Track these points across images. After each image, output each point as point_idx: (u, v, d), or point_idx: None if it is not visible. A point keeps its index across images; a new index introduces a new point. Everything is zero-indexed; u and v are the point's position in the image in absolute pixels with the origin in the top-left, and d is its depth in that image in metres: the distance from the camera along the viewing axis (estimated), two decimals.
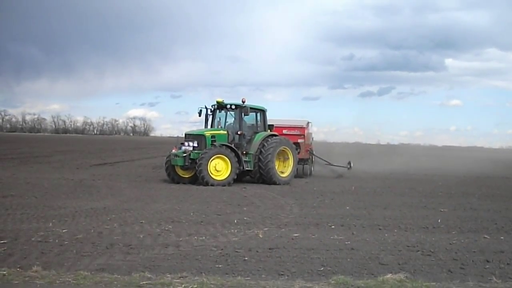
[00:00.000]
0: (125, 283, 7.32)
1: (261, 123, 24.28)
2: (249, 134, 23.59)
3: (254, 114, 24.01)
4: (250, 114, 23.44)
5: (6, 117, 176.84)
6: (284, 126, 27.31)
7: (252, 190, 19.87)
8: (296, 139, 26.92)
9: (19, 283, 7.23)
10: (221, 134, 22.86)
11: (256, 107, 24.02)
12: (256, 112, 24.10)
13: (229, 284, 7.37)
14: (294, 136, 27.05)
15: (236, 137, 23.05)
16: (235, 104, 23.19)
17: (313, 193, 19.46)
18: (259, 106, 24.30)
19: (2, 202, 14.64)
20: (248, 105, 22.94)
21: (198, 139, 22.28)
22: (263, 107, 24.41)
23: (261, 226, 12.13)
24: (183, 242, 10.14)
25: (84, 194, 17.12)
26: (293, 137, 26.87)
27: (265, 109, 24.44)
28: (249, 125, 24.14)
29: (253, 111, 23.79)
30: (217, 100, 23.59)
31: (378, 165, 41.26)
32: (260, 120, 24.30)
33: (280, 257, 9.14)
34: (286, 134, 26.52)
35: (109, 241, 10.03)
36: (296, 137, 27.15)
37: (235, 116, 23.69)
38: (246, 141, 23.28)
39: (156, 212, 13.68)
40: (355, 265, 8.73)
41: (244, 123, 23.55)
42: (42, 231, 10.73)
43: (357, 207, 15.82)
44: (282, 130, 26.65)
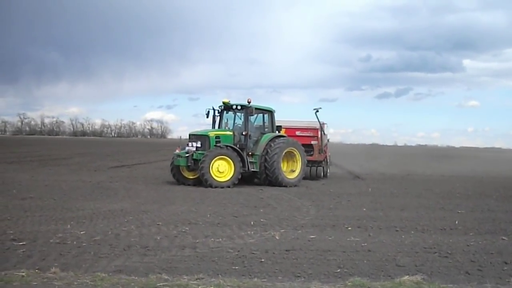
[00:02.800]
0: (142, 284, 7.34)
1: (269, 124, 24.00)
2: (255, 135, 23.37)
3: (261, 115, 23.92)
4: (257, 115, 23.55)
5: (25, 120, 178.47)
6: (297, 128, 27.05)
7: (268, 192, 19.89)
8: (309, 141, 26.73)
9: (38, 284, 7.28)
10: (227, 135, 22.67)
11: (264, 108, 23.83)
12: (263, 113, 23.92)
13: (245, 286, 7.37)
14: (307, 137, 26.80)
15: (242, 138, 22.85)
16: (241, 105, 22.97)
17: (330, 195, 19.43)
18: (267, 107, 24.07)
19: (21, 204, 14.79)
20: (254, 105, 22.72)
21: (201, 140, 22.17)
22: (271, 108, 24.14)
23: (278, 227, 12.12)
24: (200, 244, 10.16)
25: (101, 196, 17.23)
26: (306, 138, 26.67)
27: (273, 110, 24.13)
28: (257, 126, 23.97)
29: (260, 112, 23.75)
30: (223, 100, 23.44)
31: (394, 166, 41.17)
32: (267, 121, 24.02)
33: (297, 258, 9.13)
34: (299, 136, 26.33)
35: (126, 243, 10.08)
36: (309, 138, 26.86)
37: (241, 117, 23.54)
38: (253, 142, 23.07)
39: (173, 214, 13.74)
40: (371, 267, 8.70)
41: (251, 124, 23.40)
42: (60, 232, 10.81)
43: (373, 209, 15.78)
44: (295, 131, 26.57)
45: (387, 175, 32.46)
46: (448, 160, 57.94)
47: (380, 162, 49.48)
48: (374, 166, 40.78)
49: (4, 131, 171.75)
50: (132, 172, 22.25)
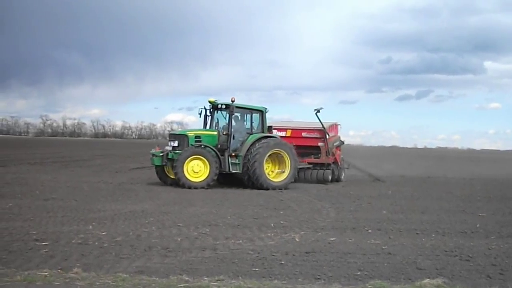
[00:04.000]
0: (163, 285, 7.38)
1: (258, 125, 23.06)
2: (241, 135, 22.58)
3: (249, 115, 23.05)
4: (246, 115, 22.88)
5: (47, 121, 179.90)
6: (303, 129, 26.34)
7: (288, 194, 19.90)
8: (316, 143, 25.86)
9: (60, 284, 7.35)
10: (208, 135, 22.22)
11: (252, 107, 23.18)
12: (251, 112, 23.08)
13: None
14: (314, 139, 25.98)
15: (224, 138, 22.20)
16: (225, 104, 22.45)
17: (350, 197, 19.38)
18: (257, 106, 23.41)
19: (44, 204, 14.95)
20: (237, 104, 22.19)
21: (179, 139, 21.89)
22: (262, 107, 23.35)
23: (298, 229, 12.13)
24: (220, 245, 10.20)
25: (123, 197, 17.36)
26: (313, 140, 25.93)
27: (264, 109, 23.26)
28: (244, 126, 23.09)
29: (247, 112, 23.02)
30: (209, 100, 22.87)
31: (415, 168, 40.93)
32: (256, 121, 23.09)
33: (317, 261, 9.13)
34: (306, 137, 25.87)
35: (148, 244, 10.14)
36: (316, 140, 25.94)
37: (225, 116, 22.89)
38: (239, 143, 22.35)
39: (193, 216, 13.81)
40: (392, 270, 8.67)
41: (238, 124, 22.82)
42: (82, 233, 10.92)
43: (394, 211, 15.72)
44: (301, 133, 26.07)
45: (407, 177, 32.27)
46: (469, 163, 57.44)
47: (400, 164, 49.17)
48: (394, 169, 40.53)
49: (26, 133, 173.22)
50: (153, 173, 22.35)
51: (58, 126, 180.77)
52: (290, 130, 26.31)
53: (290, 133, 26.05)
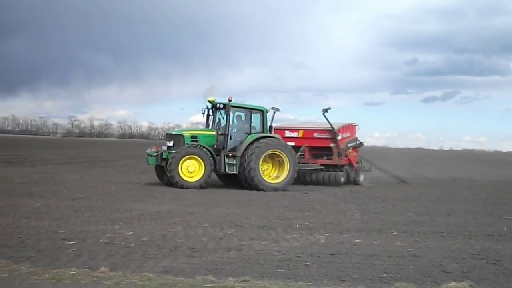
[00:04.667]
0: (188, 285, 7.42)
1: (258, 124, 22.59)
2: (240, 135, 22.18)
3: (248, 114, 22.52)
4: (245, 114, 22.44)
5: (75, 122, 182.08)
6: (315, 129, 25.86)
7: (313, 195, 19.87)
8: (328, 143, 25.22)
9: (88, 283, 7.43)
10: (206, 135, 22.00)
11: (252, 107, 22.73)
12: (251, 112, 22.57)
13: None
14: (325, 139, 25.34)
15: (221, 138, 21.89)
16: (223, 103, 22.05)
17: (375, 199, 19.30)
18: (257, 106, 22.92)
19: (72, 204, 15.13)
20: (234, 103, 21.91)
21: (175, 139, 21.70)
22: (262, 107, 22.86)
23: (323, 231, 12.11)
24: (246, 246, 10.23)
25: (149, 197, 17.48)
26: (325, 141, 25.32)
27: (264, 109, 22.80)
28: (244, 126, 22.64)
29: (246, 111, 22.58)
30: (208, 99, 22.37)
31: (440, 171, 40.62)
32: (257, 121, 22.61)
33: (342, 263, 9.10)
34: (317, 138, 25.44)
35: (173, 244, 10.20)
36: (327, 141, 25.24)
37: (223, 116, 22.38)
38: (237, 143, 21.97)
39: (219, 216, 13.87)
40: (418, 272, 8.61)
41: (239, 123, 22.58)
42: (109, 233, 11.02)
43: (419, 214, 15.61)
44: (313, 133, 25.67)
45: (433, 179, 32.05)
46: (496, 165, 56.84)
47: (425, 166, 48.82)
48: (419, 171, 40.25)
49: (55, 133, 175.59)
50: None
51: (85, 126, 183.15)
52: (302, 131, 25.96)
53: (302, 133, 25.76)
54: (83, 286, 7.32)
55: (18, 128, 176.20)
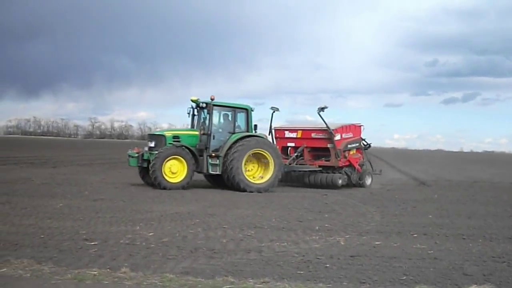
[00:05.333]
0: (208, 286, 7.46)
1: (242, 124, 22.23)
2: (223, 135, 21.76)
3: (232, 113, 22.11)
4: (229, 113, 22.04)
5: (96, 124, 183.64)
6: (313, 130, 25.03)
7: (333, 197, 19.84)
8: (326, 144, 24.42)
9: (109, 283, 7.50)
10: (188, 135, 21.57)
11: (236, 106, 22.34)
12: (235, 111, 22.17)
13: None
14: (323, 140, 24.53)
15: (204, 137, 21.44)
16: (205, 103, 21.67)
17: (395, 201, 19.22)
18: (241, 104, 22.52)
19: (93, 205, 15.24)
20: (217, 102, 21.51)
21: (156, 140, 21.26)
22: (247, 105, 22.46)
23: (343, 233, 12.10)
24: (265, 247, 10.24)
25: (169, 199, 17.54)
26: (322, 141, 24.56)
27: (249, 107, 22.36)
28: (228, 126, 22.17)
29: (230, 110, 22.16)
30: (191, 98, 22.00)
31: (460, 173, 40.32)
32: (241, 120, 22.24)
33: (362, 265, 9.10)
34: (315, 138, 24.75)
35: (194, 245, 10.25)
36: (325, 141, 24.42)
37: (206, 115, 21.98)
38: (220, 143, 21.55)
39: (239, 218, 13.91)
40: (438, 275, 8.58)
41: (224, 123, 22.19)
42: (130, 234, 11.10)
43: (440, 216, 15.54)
44: (311, 133, 24.99)
45: (453, 181, 31.82)
46: None
47: (445, 168, 48.52)
48: (439, 173, 40.00)
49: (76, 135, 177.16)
50: (198, 175, 22.41)
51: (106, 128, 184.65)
52: (300, 131, 25.38)
53: (301, 134, 25.21)
54: (104, 286, 7.38)
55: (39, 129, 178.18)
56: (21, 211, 13.71)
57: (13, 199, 15.84)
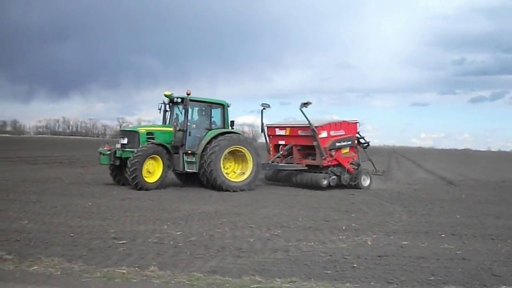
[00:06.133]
0: (236, 285, 7.50)
1: (219, 120, 21.61)
2: (199, 131, 21.01)
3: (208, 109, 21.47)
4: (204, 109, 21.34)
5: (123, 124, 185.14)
6: (300, 127, 23.67)
7: (360, 197, 19.78)
8: (311, 141, 23.22)
9: (138, 282, 7.57)
10: (162, 131, 20.70)
11: (212, 101, 21.60)
12: (211, 107, 21.51)
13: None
14: (308, 137, 23.25)
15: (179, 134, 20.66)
16: (180, 98, 20.81)
17: (422, 201, 19.09)
18: (217, 99, 21.85)
19: (121, 204, 15.41)
20: (193, 97, 20.65)
21: (129, 136, 20.24)
22: (223, 101, 21.87)
23: (370, 233, 12.07)
24: (292, 247, 10.26)
25: (196, 198, 17.67)
26: (308, 139, 23.34)
27: (225, 103, 21.78)
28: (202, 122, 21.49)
29: (206, 106, 21.45)
30: (165, 93, 21.29)
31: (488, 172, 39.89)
32: (217, 116, 21.62)
33: (389, 265, 9.07)
34: (302, 136, 23.58)
35: (221, 244, 10.31)
36: (310, 139, 23.14)
37: (181, 111, 21.24)
38: (196, 140, 20.79)
39: (265, 217, 13.94)
40: (466, 276, 8.52)
41: (200, 119, 21.46)
42: (157, 233, 11.20)
43: (467, 216, 15.40)
44: (297, 130, 23.79)
45: (481, 181, 31.44)
46: None
47: (473, 168, 48.07)
48: (467, 172, 39.62)
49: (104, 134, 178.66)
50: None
51: None
52: (288, 129, 24.37)
53: (289, 131, 24.22)
54: (133, 284, 7.45)
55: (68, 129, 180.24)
56: (51, 210, 13.92)
57: (43, 198, 16.09)
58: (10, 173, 25.70)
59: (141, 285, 7.42)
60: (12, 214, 13.13)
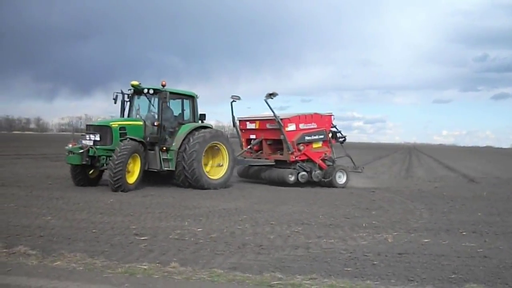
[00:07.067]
0: (256, 282, 7.52)
1: (189, 113, 20.26)
2: (172, 125, 19.57)
3: (179, 101, 20.30)
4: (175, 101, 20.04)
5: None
6: (268, 119, 22.47)
7: (380, 194, 19.72)
8: (278, 135, 22.11)
9: (159, 278, 7.63)
10: (135, 126, 18.82)
11: (183, 93, 20.11)
12: (182, 98, 20.16)
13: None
14: (276, 131, 22.12)
15: (154, 129, 19.11)
16: (154, 89, 19.14)
17: (443, 198, 18.98)
18: (187, 91, 20.31)
19: (143, 201, 15.51)
20: (169, 89, 19.10)
21: (102, 132, 18.09)
22: (192, 92, 20.39)
23: (390, 230, 12.04)
24: (313, 244, 10.28)
25: (216, 195, 17.74)
26: (275, 132, 22.23)
27: (195, 95, 20.44)
28: (174, 115, 20.11)
29: (178, 98, 20.19)
30: (132, 83, 19.31)
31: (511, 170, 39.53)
32: (188, 109, 20.26)
33: (410, 262, 9.04)
34: (270, 129, 22.46)
35: (241, 241, 10.35)
36: (277, 132, 22.03)
37: (154, 104, 19.67)
38: (169, 135, 19.35)
39: (286, 214, 13.96)
40: (488, 274, 8.46)
41: (169, 112, 19.82)
42: (179, 229, 11.27)
43: (489, 214, 15.29)
44: (266, 124, 22.71)
45: (503, 179, 31.19)
46: None
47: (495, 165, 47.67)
48: (489, 169, 39.31)
49: None
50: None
51: None
52: (258, 122, 23.29)
53: (258, 124, 23.20)
54: (154, 280, 7.51)
55: None
56: (74, 206, 14.08)
57: (66, 195, 16.25)
58: (34, 170, 26.04)
59: (162, 281, 7.47)
60: (35, 210, 13.30)
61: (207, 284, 7.40)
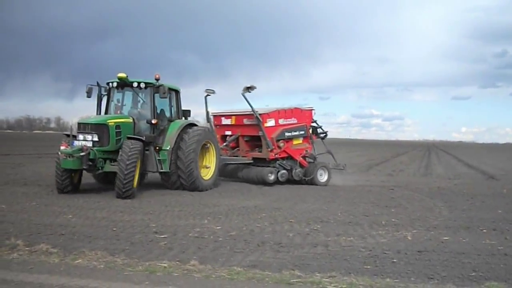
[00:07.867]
0: (276, 280, 7.55)
1: (174, 108, 18.74)
2: (163, 123, 18.12)
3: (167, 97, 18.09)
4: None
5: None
6: (245, 114, 21.50)
7: (399, 192, 19.65)
8: (256, 131, 21.13)
9: (179, 275, 7.68)
10: (127, 123, 16.94)
11: (169, 87, 17.91)
12: (169, 93, 18.11)
13: (378, 286, 7.40)
14: (254, 127, 21.06)
15: (145, 127, 17.65)
16: (146, 82, 17.43)
17: (463, 195, 18.88)
18: (172, 85, 18.43)
19: (162, 199, 15.59)
20: (149, 82, 17.52)
21: (98, 131, 16.14)
22: (177, 86, 18.83)
23: (410, 228, 12.01)
24: (332, 242, 10.27)
25: (236, 193, 17.82)
26: (253, 128, 21.16)
27: (179, 89, 18.96)
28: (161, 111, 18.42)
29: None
30: (118, 75, 17.35)
31: None
32: (174, 104, 18.78)
33: (430, 260, 9.02)
34: (247, 125, 21.47)
35: (260, 239, 10.37)
36: (256, 128, 21.01)
37: (143, 99, 18.03)
38: (158, 133, 17.81)
39: (305, 212, 13.97)
40: (508, 272, 8.41)
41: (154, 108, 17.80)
42: (198, 227, 11.32)
43: (509, 211, 15.18)
44: (243, 119, 21.74)
45: None
46: None
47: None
48: (509, 167, 38.97)
49: None
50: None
51: None
52: (234, 117, 22.25)
53: (235, 120, 22.17)
54: (174, 278, 7.56)
55: None
56: (95, 205, 14.21)
57: (86, 193, 16.44)
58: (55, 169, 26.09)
59: (182, 279, 7.52)
60: (57, 208, 13.43)
61: (226, 282, 7.42)
